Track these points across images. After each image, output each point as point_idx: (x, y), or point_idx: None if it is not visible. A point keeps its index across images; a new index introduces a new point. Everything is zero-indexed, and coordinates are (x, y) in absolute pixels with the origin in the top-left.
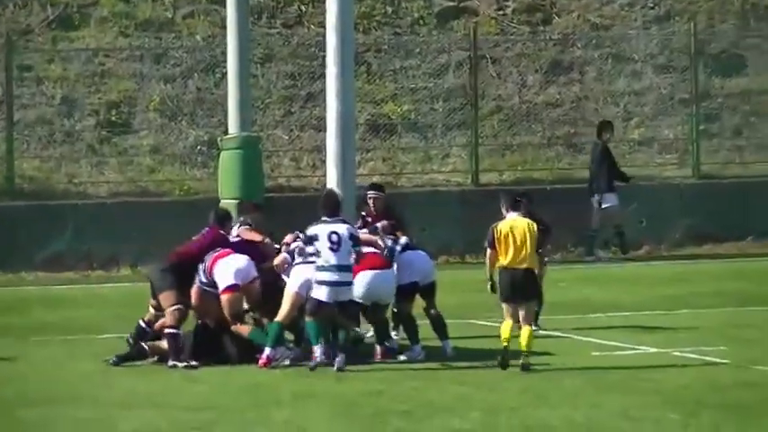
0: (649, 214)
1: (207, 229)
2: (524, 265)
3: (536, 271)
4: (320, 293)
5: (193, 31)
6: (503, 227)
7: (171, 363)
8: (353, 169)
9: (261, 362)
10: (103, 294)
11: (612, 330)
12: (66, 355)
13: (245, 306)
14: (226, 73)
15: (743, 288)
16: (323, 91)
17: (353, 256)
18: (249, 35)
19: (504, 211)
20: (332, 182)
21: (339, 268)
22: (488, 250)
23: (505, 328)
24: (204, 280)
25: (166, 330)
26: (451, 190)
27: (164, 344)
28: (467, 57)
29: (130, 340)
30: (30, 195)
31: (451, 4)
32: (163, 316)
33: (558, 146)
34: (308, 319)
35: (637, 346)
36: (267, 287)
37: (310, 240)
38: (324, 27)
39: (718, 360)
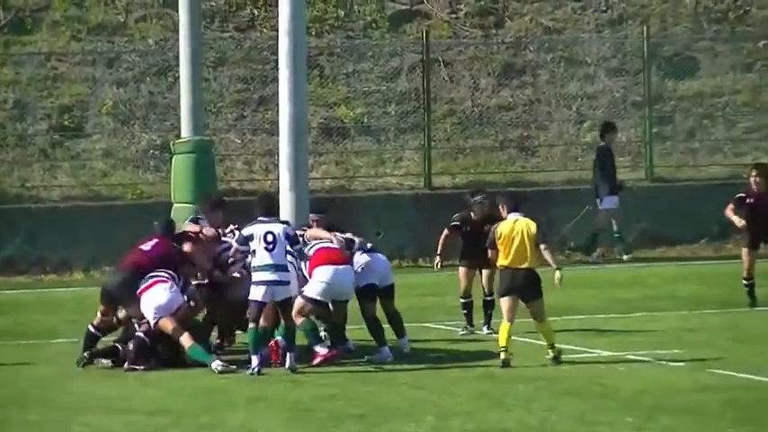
0: None
1: (155, 240)
2: (525, 265)
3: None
4: (257, 293)
5: (146, 35)
6: (503, 228)
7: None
8: (306, 173)
9: (316, 360)
10: (56, 299)
11: (568, 334)
12: (19, 360)
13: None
14: (178, 77)
15: (697, 291)
16: (275, 94)
17: (293, 255)
18: (202, 39)
19: (503, 212)
20: (285, 185)
21: (275, 267)
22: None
23: (503, 331)
24: None
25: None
26: (405, 193)
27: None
28: (419, 60)
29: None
30: None
31: (404, 7)
32: (110, 322)
33: (510, 149)
34: (250, 325)
35: (592, 350)
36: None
37: (245, 240)
38: (276, 31)
39: (673, 363)
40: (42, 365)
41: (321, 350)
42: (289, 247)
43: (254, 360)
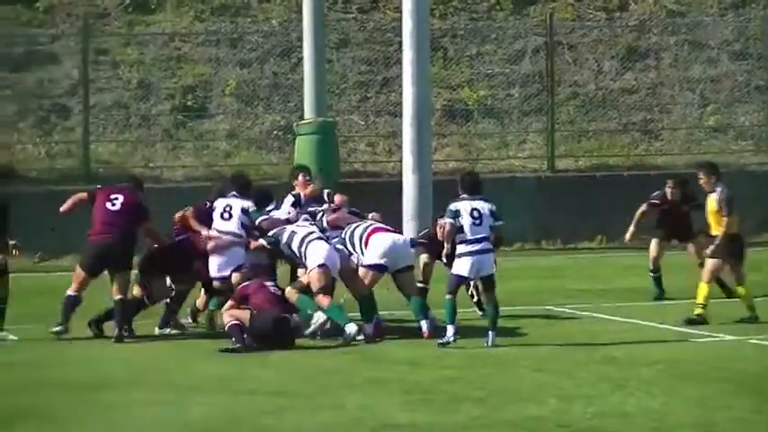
0: None
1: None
2: None
3: None
4: (463, 267)
5: (269, 16)
6: None
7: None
8: (429, 155)
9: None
10: None
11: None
12: (139, 339)
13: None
14: (302, 58)
15: None
16: (399, 76)
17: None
18: (324, 20)
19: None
20: (408, 167)
21: (479, 241)
22: None
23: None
24: None
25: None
26: (528, 176)
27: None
28: (543, 43)
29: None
30: (105, 179)
31: None
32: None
33: (633, 132)
34: (447, 297)
35: (714, 334)
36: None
37: (455, 215)
38: (400, 12)
39: None
40: (162, 345)
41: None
42: None
43: (450, 329)
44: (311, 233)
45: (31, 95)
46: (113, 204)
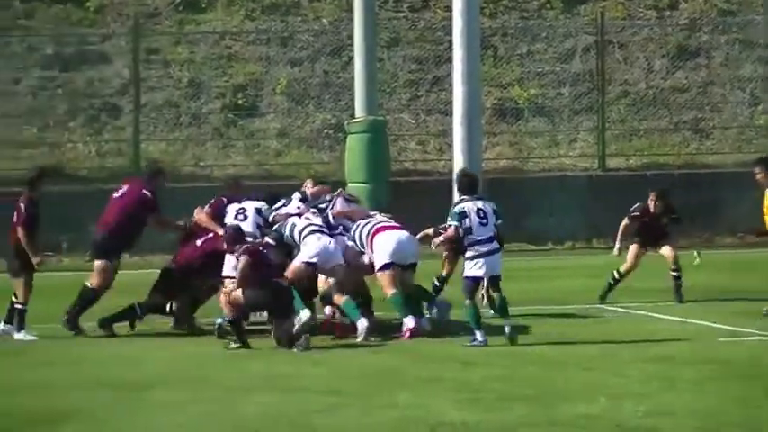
0: None
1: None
2: None
3: None
4: (476, 269)
5: (320, 15)
6: None
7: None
8: (480, 154)
9: (406, 335)
10: None
11: (737, 316)
12: (186, 338)
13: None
14: (352, 56)
15: None
16: (449, 75)
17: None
18: (375, 19)
19: None
20: (458, 166)
21: (489, 241)
22: None
23: None
24: None
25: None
26: (578, 175)
27: None
28: (593, 41)
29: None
30: None
31: None
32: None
33: (684, 131)
34: (467, 302)
35: (763, 332)
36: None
37: (462, 216)
38: (450, 11)
39: None
40: (210, 344)
41: (410, 322)
42: None
43: (479, 334)
44: (309, 226)
45: (81, 95)
46: (117, 192)
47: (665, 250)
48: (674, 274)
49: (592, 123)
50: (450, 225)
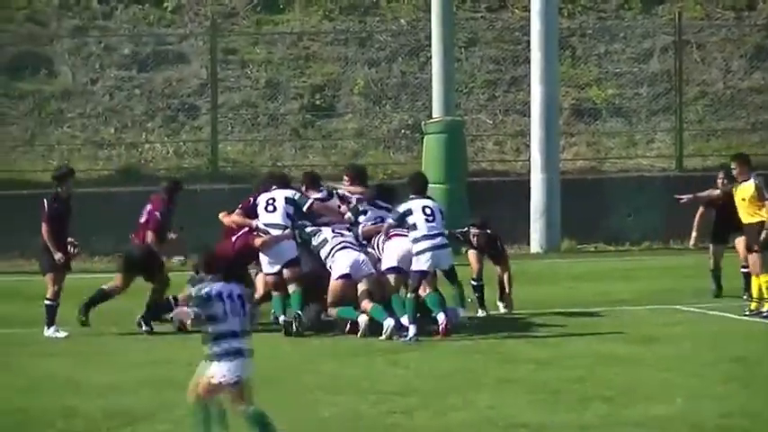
0: None
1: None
2: None
3: None
4: (422, 262)
5: (398, 15)
6: None
7: None
8: (557, 154)
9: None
10: None
11: None
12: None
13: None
14: (430, 57)
15: None
16: (527, 75)
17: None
18: (453, 19)
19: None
20: (536, 166)
21: (435, 236)
22: None
23: None
24: None
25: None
26: (656, 175)
27: None
28: (671, 42)
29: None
30: (233, 178)
31: None
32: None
33: (762, 131)
34: (409, 295)
35: None
36: None
37: (404, 215)
38: (528, 11)
39: None
40: (289, 345)
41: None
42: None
43: (412, 329)
44: (340, 243)
45: (159, 95)
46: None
47: (740, 244)
48: (746, 271)
49: (669, 124)
50: (388, 222)
